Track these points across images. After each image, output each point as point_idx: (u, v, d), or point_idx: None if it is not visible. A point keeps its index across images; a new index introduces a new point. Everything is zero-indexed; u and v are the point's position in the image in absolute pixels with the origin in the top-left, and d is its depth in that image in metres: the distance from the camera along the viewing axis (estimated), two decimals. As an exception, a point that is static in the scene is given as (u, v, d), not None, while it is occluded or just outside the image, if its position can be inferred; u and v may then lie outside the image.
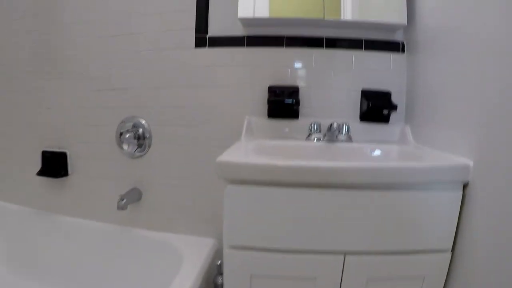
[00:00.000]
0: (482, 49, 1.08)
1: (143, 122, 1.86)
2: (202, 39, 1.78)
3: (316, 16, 1.63)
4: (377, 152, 1.52)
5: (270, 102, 1.68)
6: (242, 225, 1.14)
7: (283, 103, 1.67)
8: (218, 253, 1.78)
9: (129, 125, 1.87)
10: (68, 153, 2.01)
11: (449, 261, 1.16)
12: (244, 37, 1.75)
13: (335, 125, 1.56)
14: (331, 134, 1.56)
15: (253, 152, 1.33)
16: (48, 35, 1.98)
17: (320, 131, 1.61)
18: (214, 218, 1.83)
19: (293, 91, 1.69)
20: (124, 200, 1.75)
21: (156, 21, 1.83)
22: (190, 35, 1.79)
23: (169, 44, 1.82)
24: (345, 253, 1.13)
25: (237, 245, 1.16)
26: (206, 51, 1.78)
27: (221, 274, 1.62)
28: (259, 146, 1.44)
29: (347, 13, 1.62)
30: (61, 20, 1.96)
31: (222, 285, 1.58)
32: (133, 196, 1.85)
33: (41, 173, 2.03)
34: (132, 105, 1.88)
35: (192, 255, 1.65)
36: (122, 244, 1.91)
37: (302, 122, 1.70)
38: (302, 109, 1.72)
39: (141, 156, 1.88)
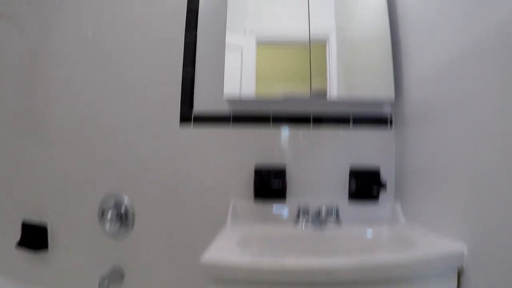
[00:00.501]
0: (473, 125, 1.08)
1: (126, 199, 1.81)
2: (187, 116, 1.76)
3: (303, 96, 1.64)
4: (367, 237, 1.48)
5: (256, 184, 1.65)
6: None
7: (270, 185, 1.64)
8: None
9: (111, 201, 1.81)
10: (48, 226, 1.94)
11: None
12: (230, 115, 1.74)
13: (323, 210, 1.53)
14: (319, 219, 1.52)
15: (239, 245, 1.27)
16: (33, 101, 1.97)
17: (308, 214, 1.56)
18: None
19: (280, 171, 1.66)
20: (106, 281, 1.69)
21: (141, 97, 1.82)
22: (175, 112, 1.78)
23: (153, 121, 1.80)
24: None
25: None
26: (191, 129, 1.76)
27: None
28: (245, 237, 1.38)
29: (334, 91, 1.63)
30: (48, 87, 1.95)
31: None
32: (115, 276, 1.78)
33: (20, 244, 1.96)
34: (115, 180, 1.84)
35: None
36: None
37: (289, 203, 1.66)
38: (290, 188, 1.69)
39: (123, 234, 1.82)
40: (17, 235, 1.98)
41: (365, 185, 1.65)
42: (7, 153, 2.00)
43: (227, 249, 1.21)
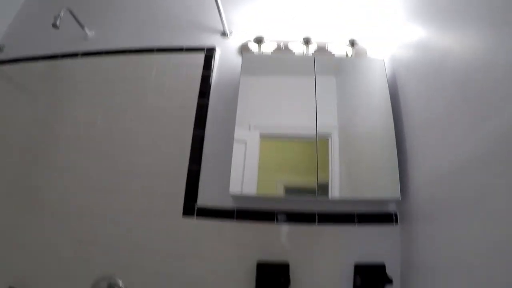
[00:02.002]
0: (480, 225, 1.08)
1: (120, 282, 1.74)
2: (191, 208, 1.76)
3: (308, 196, 1.66)
4: None
5: (258, 280, 1.61)
6: None
7: (272, 283, 1.59)
8: None
9: (104, 285, 1.75)
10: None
11: None
12: (233, 210, 1.74)
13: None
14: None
15: None
16: (35, 175, 1.99)
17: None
18: None
19: (283, 267, 1.63)
20: None
21: (146, 185, 1.84)
22: (179, 203, 1.78)
23: (157, 209, 1.80)
24: None
25: None
26: (194, 221, 1.75)
27: None
28: None
29: (341, 189, 1.64)
30: (51, 165, 1.98)
31: None
32: None
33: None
34: (110, 263, 1.79)
35: None
36: None
37: (292, 301, 1.61)
38: (293, 285, 1.63)
39: (117, 321, 1.76)
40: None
41: (370, 281, 1.61)
42: (4, 222, 1.96)
43: None
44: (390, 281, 1.59)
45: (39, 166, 1.99)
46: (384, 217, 1.72)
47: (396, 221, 1.71)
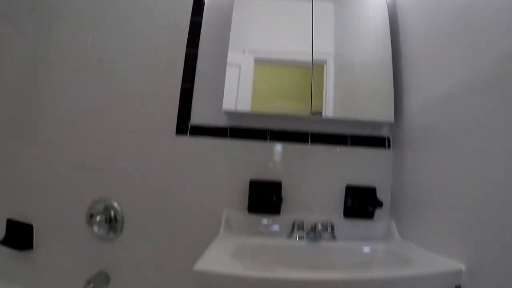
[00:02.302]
0: (472, 151, 1.10)
1: (116, 204, 1.77)
2: (184, 126, 1.74)
3: (303, 114, 1.63)
4: (363, 253, 1.46)
5: (251, 198, 1.62)
6: None
7: (265, 199, 1.62)
8: None
9: (100, 206, 1.78)
10: (34, 226, 1.91)
11: None
12: (227, 128, 1.73)
13: (319, 226, 1.50)
14: (314, 234, 1.49)
15: (233, 255, 1.24)
16: (28, 102, 1.93)
17: (302, 229, 1.55)
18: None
19: (275, 186, 1.65)
20: (91, 285, 1.65)
21: (137, 104, 1.80)
22: (172, 122, 1.75)
23: (149, 129, 1.78)
24: None
25: None
26: (187, 139, 1.74)
27: None
28: (239, 247, 1.35)
29: (335, 111, 1.63)
30: (44, 91, 1.91)
31: None
32: (100, 280, 1.74)
33: (4, 242, 1.92)
34: (105, 185, 1.80)
35: None
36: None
37: (284, 218, 1.64)
38: (285, 204, 1.67)
39: (111, 239, 1.79)
40: (1, 233, 1.94)
41: (361, 202, 1.64)
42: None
43: (220, 259, 1.18)
44: (380, 204, 1.62)
45: (32, 93, 1.93)
46: (377, 141, 1.73)
47: (389, 145, 1.72)
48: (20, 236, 1.91)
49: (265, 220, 1.65)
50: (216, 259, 1.16)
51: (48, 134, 1.89)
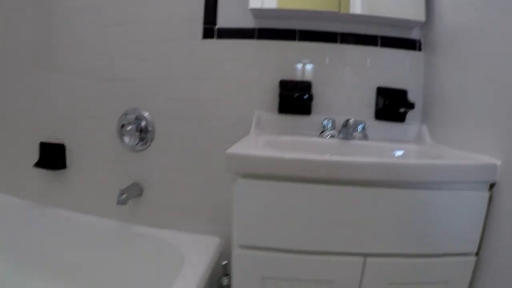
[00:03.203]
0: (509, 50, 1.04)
1: (146, 114, 1.79)
2: (210, 30, 1.71)
3: (331, 9, 1.57)
4: (395, 151, 1.45)
5: (282, 96, 1.62)
6: (253, 222, 1.06)
7: (295, 98, 1.60)
8: (223, 253, 1.72)
9: (131, 117, 1.79)
10: (66, 145, 1.94)
11: (473, 266, 1.09)
12: (254, 29, 1.69)
13: (351, 121, 1.47)
14: (346, 131, 1.49)
15: (264, 146, 1.25)
16: (48, 24, 1.91)
17: (334, 128, 1.54)
18: (219, 216, 1.77)
19: (305, 86, 1.63)
20: (125, 195, 1.68)
21: (162, 10, 1.76)
22: (198, 26, 1.72)
23: (175, 35, 1.75)
24: (365, 255, 1.07)
25: (248, 245, 1.08)
26: (214, 42, 1.71)
27: (226, 275, 1.57)
28: (270, 141, 1.36)
29: (363, 8, 1.57)
30: (62, 9, 1.89)
31: (227, 286, 1.52)
32: (133, 191, 1.78)
33: (38, 164, 1.96)
34: (134, 96, 1.81)
35: (195, 254, 1.58)
36: (121, 240, 1.83)
37: (314, 119, 1.63)
38: (314, 106, 1.66)
39: (142, 150, 1.81)
40: (35, 157, 2.00)
41: (392, 104, 1.62)
42: (25, 76, 1.99)
43: (252, 146, 1.19)
44: (412, 106, 1.58)
45: (52, 14, 1.91)
46: (408, 43, 1.67)
47: (420, 48, 1.67)
48: (53, 157, 1.95)
49: (295, 120, 1.65)
50: (248, 147, 1.16)
51: (71, 51, 1.90)
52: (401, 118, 1.64)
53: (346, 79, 1.68)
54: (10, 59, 1.99)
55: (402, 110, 1.62)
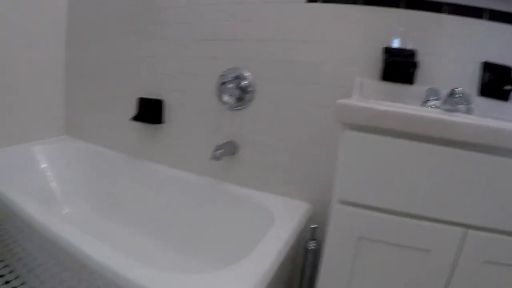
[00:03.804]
0: None
1: (247, 74, 1.82)
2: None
3: None
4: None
5: (387, 63, 1.58)
6: (356, 178, 1.07)
7: (399, 65, 1.57)
8: (311, 219, 1.73)
9: (231, 76, 1.83)
10: (164, 101, 2.01)
11: None
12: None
13: (458, 90, 1.43)
14: (451, 101, 1.44)
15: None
16: None
17: (438, 99, 1.50)
18: (310, 183, 1.78)
19: (410, 54, 1.58)
20: (221, 151, 1.74)
21: None
22: None
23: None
24: (467, 227, 1.02)
25: (348, 201, 1.09)
26: (318, 6, 1.69)
27: (314, 239, 1.58)
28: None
29: None
30: None
31: (313, 251, 1.54)
32: (229, 148, 1.84)
33: (136, 118, 2.05)
34: (235, 57, 1.85)
35: (284, 216, 1.61)
36: (212, 197, 1.91)
37: (417, 89, 1.58)
38: (418, 76, 1.60)
39: (240, 109, 1.85)
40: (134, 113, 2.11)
41: (497, 81, 1.54)
42: (128, 36, 2.11)
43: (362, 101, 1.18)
44: (520, 84, 1.51)
45: None
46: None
47: (535, 25, 1.58)
48: (151, 112, 2.03)
49: (398, 89, 1.61)
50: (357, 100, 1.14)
51: (173, 12, 1.98)
52: (504, 96, 1.57)
53: (449, 51, 1.60)
54: (112, 18, 2.13)
55: (507, 87, 1.54)
